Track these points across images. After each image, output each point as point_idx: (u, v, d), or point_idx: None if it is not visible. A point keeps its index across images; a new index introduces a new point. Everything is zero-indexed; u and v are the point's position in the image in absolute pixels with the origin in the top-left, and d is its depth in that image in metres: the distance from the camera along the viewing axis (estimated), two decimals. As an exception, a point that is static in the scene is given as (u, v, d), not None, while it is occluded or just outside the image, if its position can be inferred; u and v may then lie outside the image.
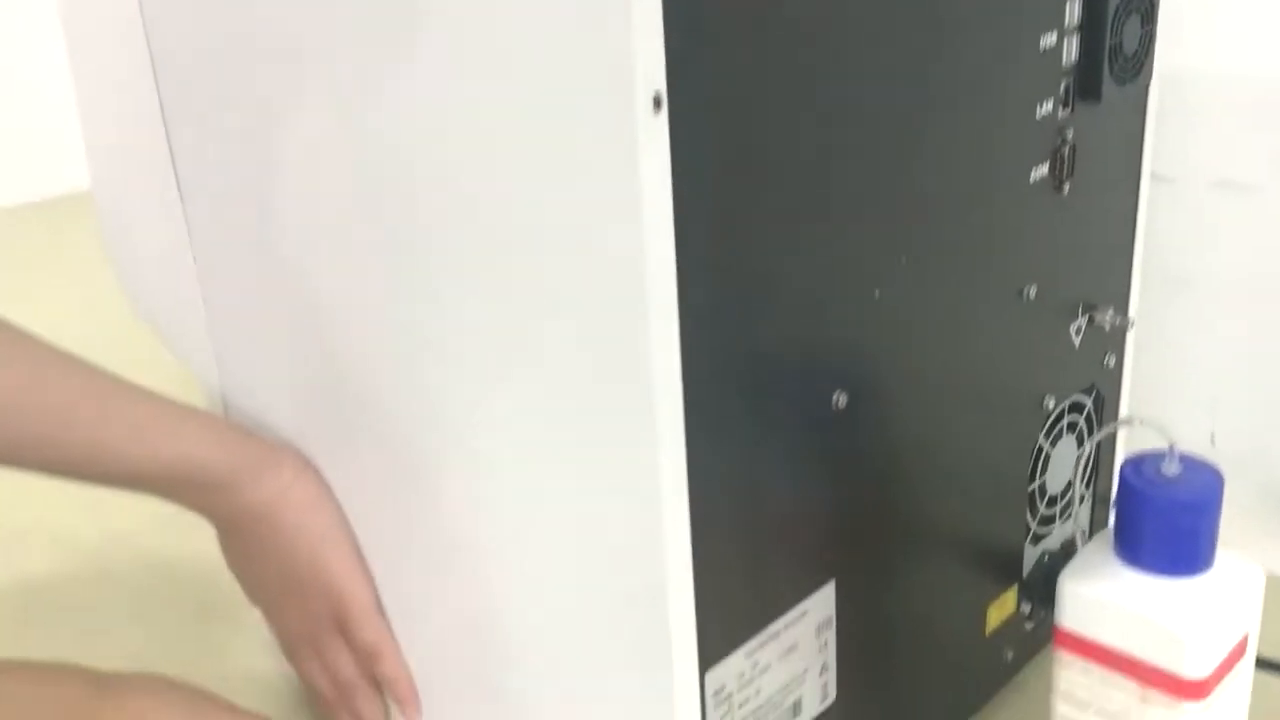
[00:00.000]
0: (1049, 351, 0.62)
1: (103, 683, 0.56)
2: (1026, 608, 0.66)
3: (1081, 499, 0.66)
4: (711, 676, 0.48)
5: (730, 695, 0.49)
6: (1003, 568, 0.64)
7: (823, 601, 0.52)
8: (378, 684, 0.64)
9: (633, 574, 0.46)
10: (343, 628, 0.62)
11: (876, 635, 0.56)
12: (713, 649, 0.48)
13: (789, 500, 0.49)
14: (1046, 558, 0.66)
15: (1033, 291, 0.58)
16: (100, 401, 0.59)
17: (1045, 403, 0.62)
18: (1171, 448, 0.51)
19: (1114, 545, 0.53)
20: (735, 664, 0.49)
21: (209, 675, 0.71)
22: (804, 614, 0.51)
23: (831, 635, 0.53)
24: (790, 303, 0.47)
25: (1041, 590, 0.66)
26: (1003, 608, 0.64)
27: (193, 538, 0.66)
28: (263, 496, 0.60)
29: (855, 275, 0.49)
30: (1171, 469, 0.51)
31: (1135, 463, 0.52)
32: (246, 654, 0.73)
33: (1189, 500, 0.50)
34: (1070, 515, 0.67)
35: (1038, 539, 0.66)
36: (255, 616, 0.71)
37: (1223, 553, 0.52)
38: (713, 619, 0.47)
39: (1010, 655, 0.66)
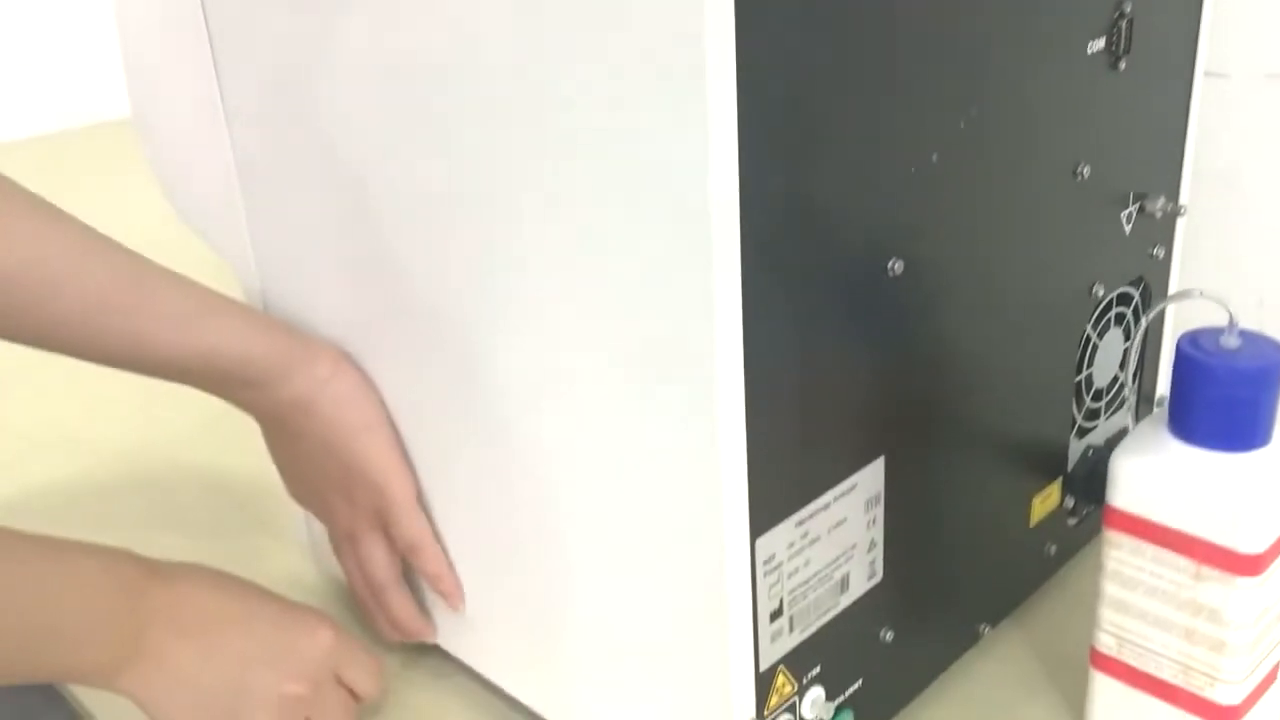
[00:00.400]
0: (1100, 237, 0.61)
1: (153, 565, 0.57)
2: (1070, 502, 0.65)
3: (1130, 389, 0.65)
4: (762, 543, 0.47)
5: (780, 564, 0.48)
6: (1048, 460, 0.63)
7: (872, 476, 0.52)
8: (410, 587, 0.64)
9: (687, 443, 0.45)
10: (384, 521, 0.62)
11: (923, 517, 0.56)
12: (763, 516, 0.47)
13: (842, 369, 0.49)
14: (1091, 452, 0.66)
15: (1086, 171, 0.57)
16: (140, 286, 0.58)
17: (1094, 290, 0.61)
18: (1231, 320, 0.50)
19: (1168, 422, 0.52)
20: (785, 533, 0.48)
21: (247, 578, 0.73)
22: (854, 487, 0.51)
23: (880, 512, 0.53)
24: (848, 162, 0.45)
25: (1085, 485, 0.65)
26: (1047, 501, 0.64)
27: (228, 447, 0.66)
28: (302, 390, 0.60)
29: (913, 136, 0.48)
30: (1230, 341, 0.50)
31: (1193, 336, 0.51)
32: (284, 560, 0.73)
33: (1249, 371, 0.49)
34: (1115, 410, 0.66)
35: (1083, 433, 0.65)
36: (293, 523, 0.71)
37: (1280, 430, 0.51)
38: (764, 485, 0.46)
39: (1053, 550, 0.65)
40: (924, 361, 0.53)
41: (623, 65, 0.41)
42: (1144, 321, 0.56)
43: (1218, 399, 0.50)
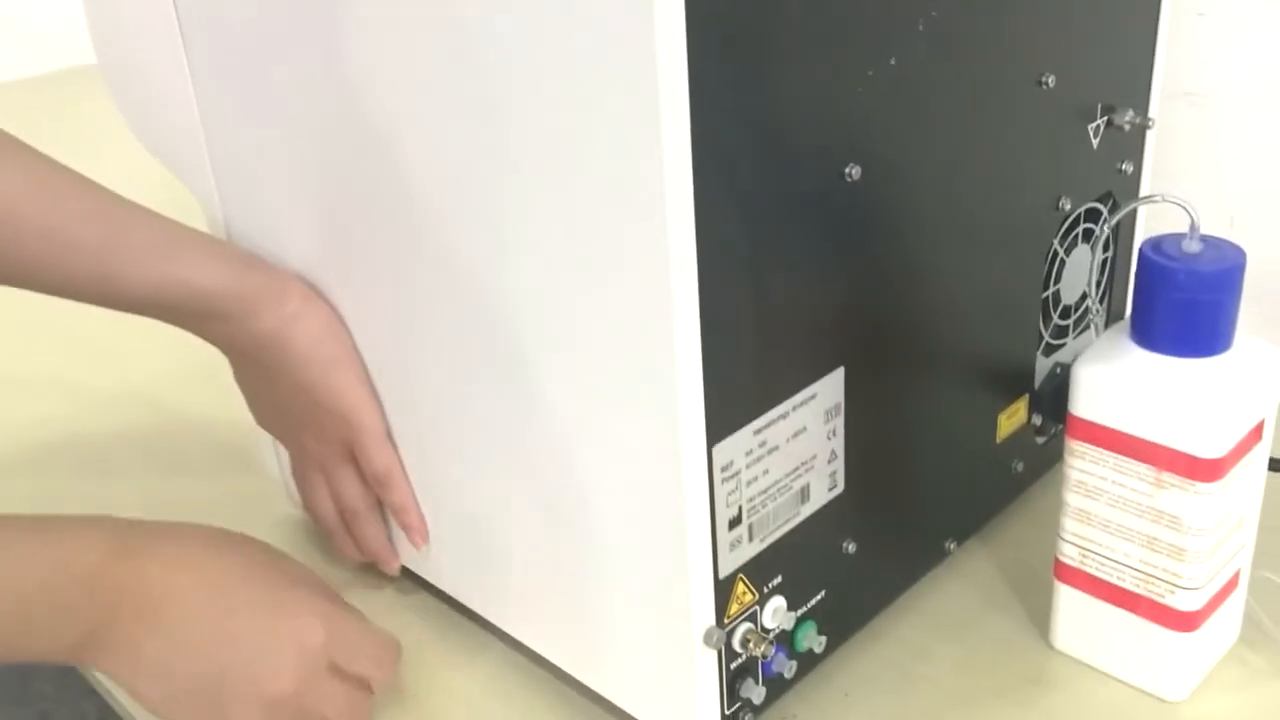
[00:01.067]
0: (1066, 149, 0.60)
1: (129, 543, 0.52)
2: (1037, 419, 0.65)
3: (1097, 306, 0.64)
4: (719, 450, 0.47)
5: (738, 472, 0.48)
6: (1014, 376, 0.63)
7: (831, 386, 0.51)
8: (382, 513, 0.64)
9: (643, 349, 0.45)
10: (354, 454, 0.61)
11: (885, 430, 0.55)
12: (721, 423, 0.47)
13: (800, 277, 0.48)
14: (1059, 370, 0.65)
15: (1051, 80, 0.56)
16: (108, 220, 0.57)
17: (1061, 204, 0.60)
18: (1193, 224, 0.49)
19: (1130, 330, 0.52)
20: (743, 440, 0.48)
21: (227, 521, 0.72)
22: (813, 397, 0.50)
23: (840, 423, 0.52)
24: (803, 64, 0.45)
25: (1052, 403, 0.65)
26: (1013, 417, 0.64)
27: (206, 390, 0.65)
28: (270, 324, 0.59)
29: (870, 38, 0.47)
30: (1192, 246, 0.50)
31: (1155, 241, 0.51)
32: (264, 502, 0.73)
33: (1210, 274, 0.49)
34: (1084, 328, 0.66)
35: (1050, 350, 0.65)
36: (273, 465, 0.70)
37: (1242, 336, 0.51)
38: (721, 392, 0.46)
39: (1020, 467, 0.65)
40: (885, 272, 0.52)
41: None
42: (1105, 228, 0.55)
43: (1179, 304, 0.49)
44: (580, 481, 0.51)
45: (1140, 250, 0.51)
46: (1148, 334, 0.51)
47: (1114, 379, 0.51)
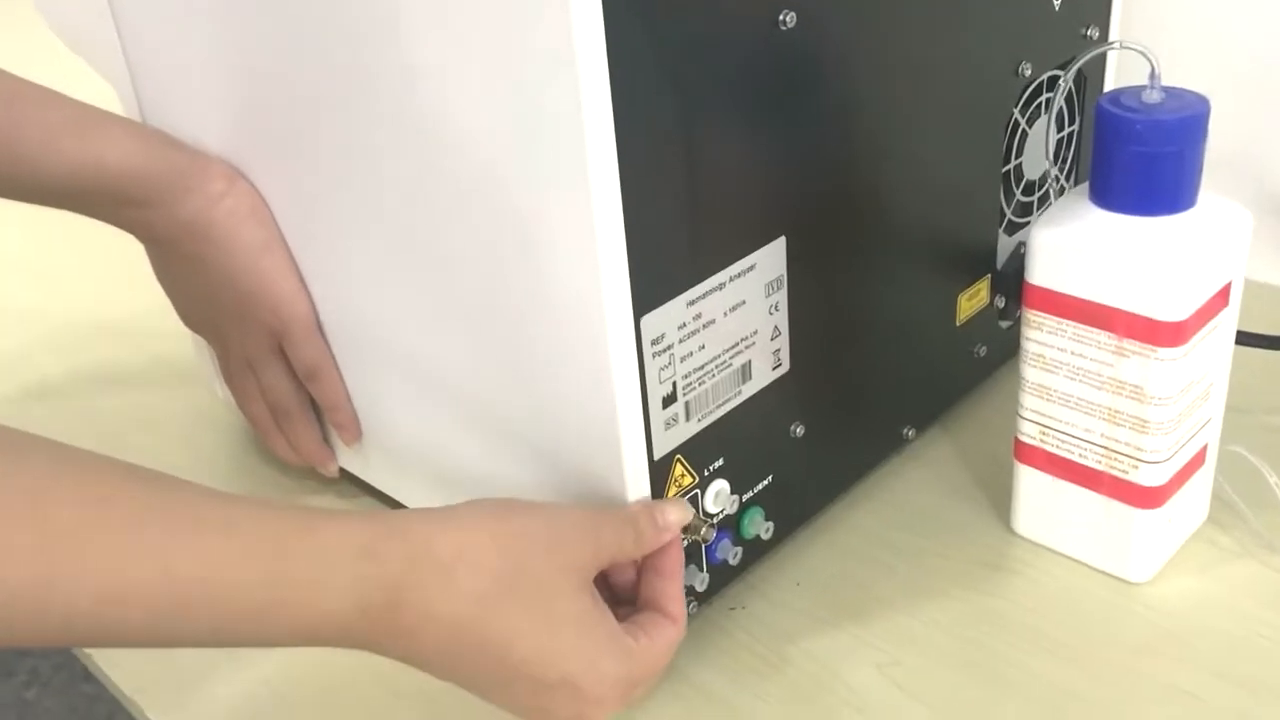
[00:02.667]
0: (1026, 10, 0.56)
1: (396, 595, 0.41)
2: (1000, 302, 0.62)
3: (1060, 180, 0.61)
4: (648, 321, 0.44)
5: (670, 346, 0.46)
6: (975, 255, 0.60)
7: (772, 257, 0.48)
8: (314, 411, 0.61)
9: (562, 216, 0.42)
10: (283, 345, 0.59)
11: (834, 308, 0.53)
12: (649, 292, 0.44)
13: (732, 136, 0.45)
14: (1022, 249, 0.62)
15: (1006, -70, 0.53)
16: (14, 99, 0.54)
17: (1021, 69, 0.57)
18: (1153, 72, 0.46)
19: (1089, 191, 0.49)
20: (674, 312, 0.45)
21: (171, 433, 0.70)
22: (751, 268, 0.48)
23: (783, 298, 0.49)
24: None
25: (1015, 283, 0.62)
26: (975, 299, 0.61)
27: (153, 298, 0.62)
28: (195, 208, 0.56)
29: None
30: (1153, 96, 0.46)
31: (1113, 94, 0.47)
32: (209, 413, 0.70)
33: (1171, 123, 0.45)
34: (1048, 206, 0.63)
35: (1013, 229, 0.62)
36: (204, 366, 0.68)
37: (1208, 194, 0.48)
38: (648, 260, 0.43)
39: (983, 351, 0.62)
40: (828, 135, 0.49)
41: None
42: (1064, 83, 0.51)
43: (1139, 158, 0.46)
44: (512, 362, 0.48)
45: (1097, 105, 0.47)
46: (1106, 193, 0.48)
47: (1071, 242, 0.48)
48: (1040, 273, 0.50)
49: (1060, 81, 0.51)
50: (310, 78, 0.49)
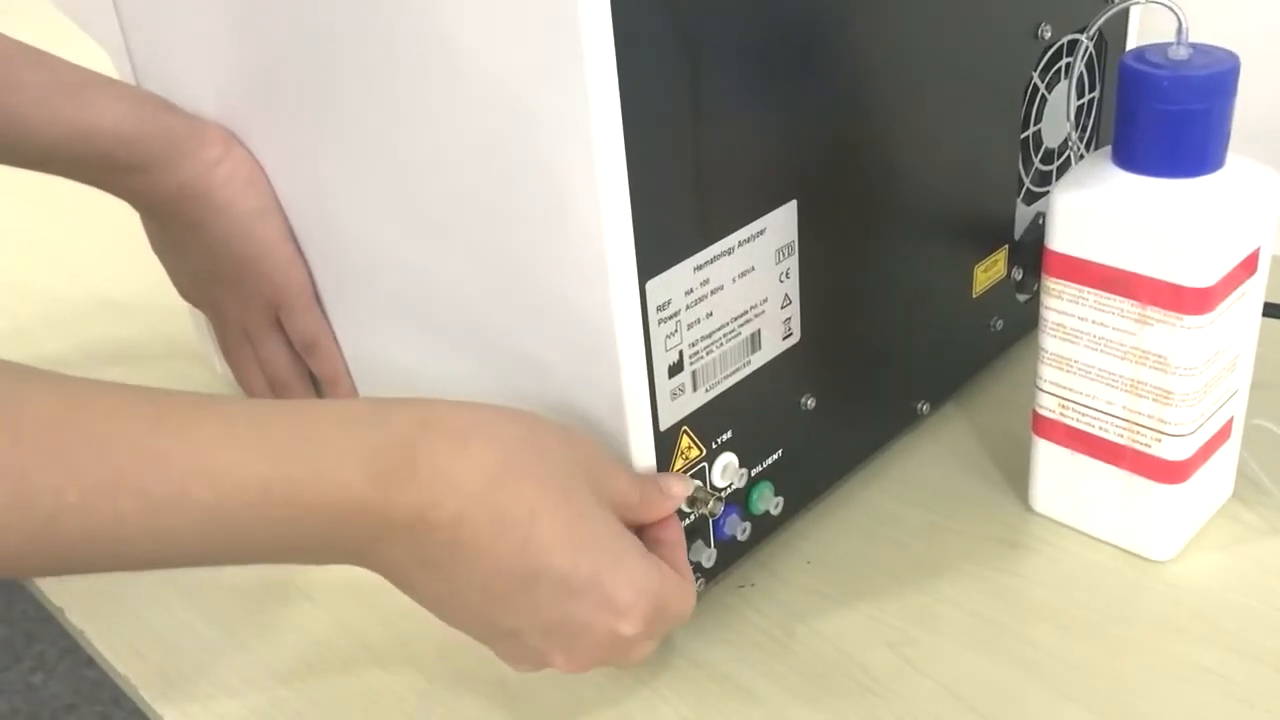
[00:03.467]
0: (1045, -31, 0.55)
1: (397, 472, 0.38)
2: (1018, 274, 0.61)
3: (1080, 148, 0.59)
4: (654, 286, 0.43)
5: (678, 313, 0.44)
6: (992, 225, 0.58)
7: (783, 221, 0.47)
8: (312, 382, 0.60)
9: (565, 176, 0.40)
10: (280, 317, 0.57)
11: (847, 277, 0.51)
12: (655, 256, 0.42)
13: (742, 97, 0.43)
14: (1040, 220, 0.61)
15: (1026, -115, 0.51)
16: (6, 61, 0.53)
17: (1040, 32, 0.55)
18: (1181, 27, 0.44)
19: (1112, 153, 0.47)
20: (681, 277, 0.44)
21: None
22: (761, 232, 0.46)
23: (794, 264, 0.48)
24: None
25: (1033, 255, 0.60)
26: (991, 270, 0.59)
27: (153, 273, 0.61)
28: (192, 174, 0.55)
29: None
30: (1180, 53, 0.45)
31: (1137, 51, 0.46)
32: (204, 378, 0.69)
33: (1199, 80, 0.44)
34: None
35: (1032, 198, 0.60)
36: (203, 341, 0.67)
37: (1236, 156, 0.46)
38: (654, 223, 0.41)
39: (1000, 324, 0.61)
40: (842, 96, 0.47)
41: None
42: (1086, 41, 0.49)
43: (1165, 116, 0.44)
44: (514, 329, 0.46)
45: (1121, 63, 0.46)
46: (1130, 154, 0.46)
47: (1093, 205, 0.46)
48: (1060, 238, 0.48)
49: (1081, 42, 0.49)
50: (309, 35, 0.47)
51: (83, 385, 0.36)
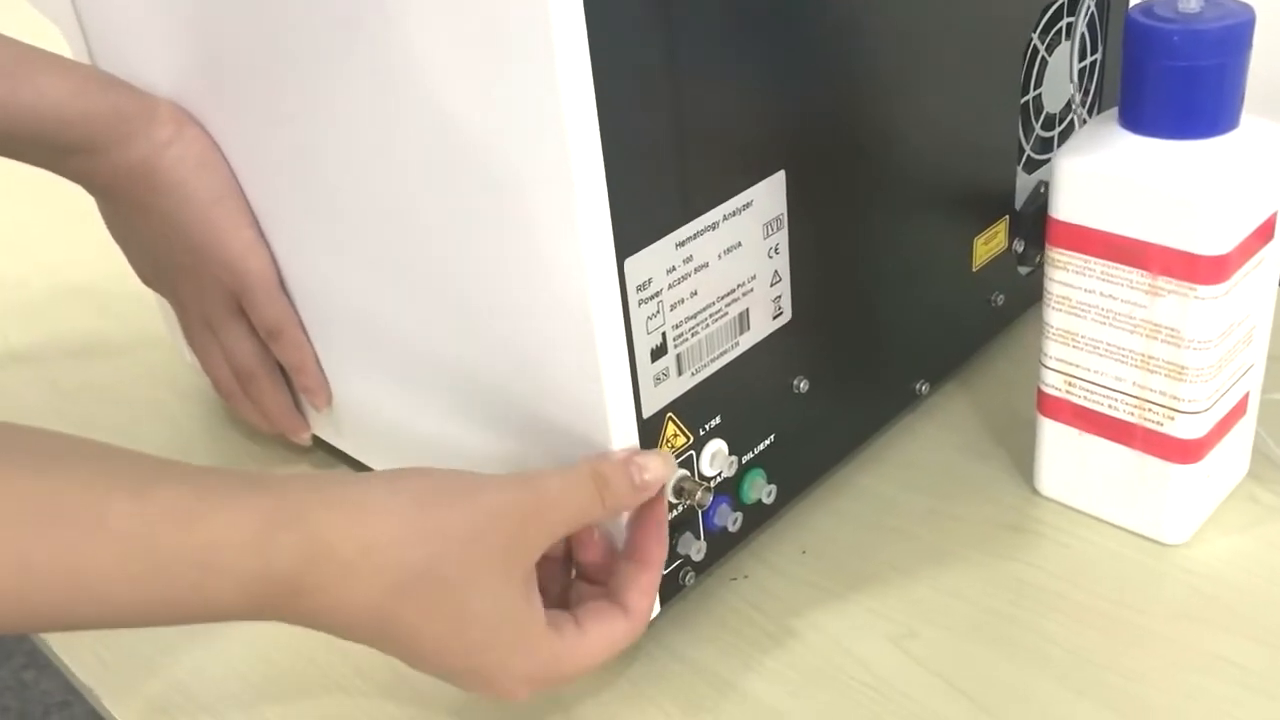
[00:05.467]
0: (1044, -77, 0.52)
1: (301, 575, 0.37)
2: (1019, 246, 0.58)
3: (1082, 113, 0.56)
4: (633, 265, 0.40)
5: (659, 293, 0.41)
6: (992, 195, 0.56)
7: (770, 194, 0.44)
8: (280, 373, 0.57)
9: (535, 144, 0.38)
10: (242, 304, 0.54)
11: (840, 251, 0.48)
12: (632, 232, 0.40)
13: (724, 56, 0.41)
14: (1042, 189, 0.58)
15: None
16: None
17: (1040, -11, 0.53)
18: (1190, -22, 0.42)
19: (1119, 115, 0.44)
20: (662, 254, 0.41)
21: (136, 396, 0.66)
22: (747, 205, 0.43)
23: (783, 239, 0.45)
24: None
25: (1035, 226, 0.58)
26: (991, 242, 0.56)
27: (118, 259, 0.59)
28: (141, 155, 0.52)
29: None
30: (1190, 5, 0.42)
31: (1145, 5, 0.43)
32: (179, 377, 0.67)
33: (1211, 34, 0.41)
34: (1071, 145, 0.58)
35: (1033, 166, 0.57)
36: (171, 329, 0.64)
37: (1250, 116, 0.44)
38: (631, 197, 0.39)
39: (1001, 300, 0.58)
40: (830, 58, 0.44)
41: None
42: (1087, 3, 0.47)
43: (1176, 73, 0.42)
44: (484, 315, 0.44)
45: (1128, 17, 0.43)
46: (1138, 115, 0.43)
47: (1099, 170, 0.44)
48: (1065, 206, 0.45)
49: (1082, 12, 0.47)
50: (270, 19, 0.45)
51: None
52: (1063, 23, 0.55)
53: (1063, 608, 0.47)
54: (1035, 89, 0.55)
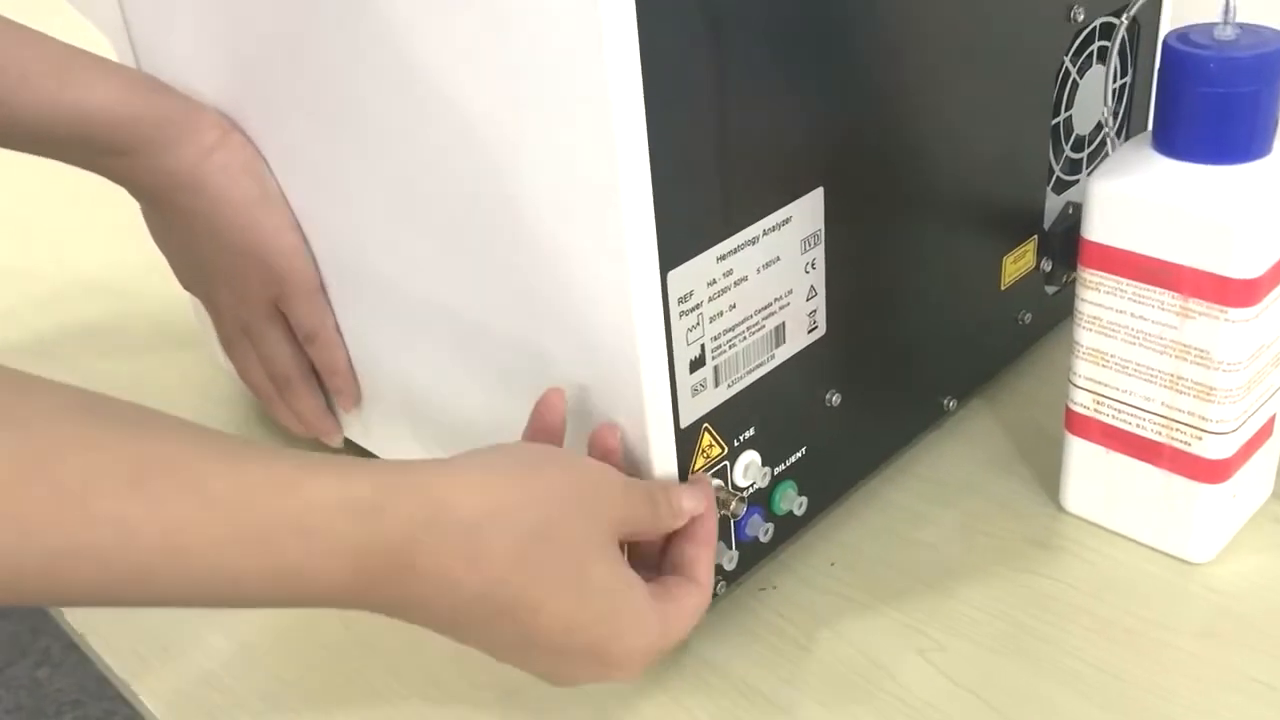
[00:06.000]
0: (1078, -52, 0.53)
1: (397, 553, 0.36)
2: (1047, 265, 0.59)
3: (1113, 135, 0.57)
4: (675, 277, 0.41)
5: (699, 305, 0.42)
6: (1021, 214, 0.56)
7: (809, 210, 0.45)
8: (316, 378, 0.58)
9: (585, 158, 0.38)
10: (282, 307, 0.55)
11: (873, 267, 0.49)
12: (677, 245, 0.40)
13: (767, 81, 0.41)
14: (1071, 210, 0.59)
15: None
16: None
17: (1073, 14, 0.53)
18: (1227, 6, 0.42)
19: (1152, 139, 0.45)
20: (704, 267, 0.42)
21: (169, 400, 0.67)
22: (787, 221, 0.44)
23: (819, 255, 0.46)
24: None
25: (1063, 246, 0.58)
26: (1020, 261, 0.57)
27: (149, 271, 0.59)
28: (186, 159, 0.53)
29: None
30: (1226, 33, 0.43)
31: (1181, 32, 0.44)
32: (211, 380, 0.67)
33: (1247, 61, 0.42)
34: (1098, 165, 0.59)
35: (1062, 187, 0.58)
36: (206, 332, 0.65)
37: (1282, 141, 0.44)
38: (676, 210, 0.39)
39: (1028, 318, 0.59)
40: (868, 79, 0.45)
41: None
42: (1126, 18, 0.47)
43: (1210, 100, 0.42)
44: (527, 319, 0.44)
45: (1164, 42, 0.44)
46: (1173, 140, 0.44)
47: (1134, 193, 0.44)
48: (1098, 228, 0.46)
49: (1121, 21, 0.47)
50: (312, 23, 0.46)
51: (56, 428, 0.33)
52: (1093, 46, 0.56)
53: (1089, 624, 0.47)
54: (1066, 111, 0.56)
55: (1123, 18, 0.48)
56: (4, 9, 0.53)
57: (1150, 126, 0.46)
